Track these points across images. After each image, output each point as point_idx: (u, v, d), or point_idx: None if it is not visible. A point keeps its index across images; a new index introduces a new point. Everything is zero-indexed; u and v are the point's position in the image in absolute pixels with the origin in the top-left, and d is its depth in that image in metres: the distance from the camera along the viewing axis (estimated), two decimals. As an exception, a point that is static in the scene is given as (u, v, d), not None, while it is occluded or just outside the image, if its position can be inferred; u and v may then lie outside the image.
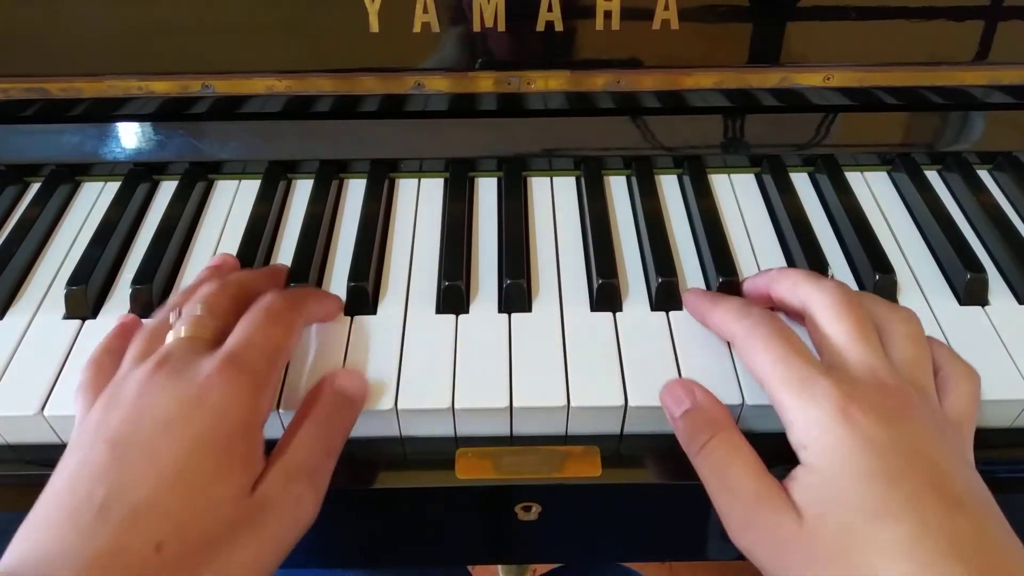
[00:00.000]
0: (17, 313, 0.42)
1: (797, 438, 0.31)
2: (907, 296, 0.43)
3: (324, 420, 0.34)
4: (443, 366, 0.37)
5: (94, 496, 0.28)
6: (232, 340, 0.33)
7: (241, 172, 0.52)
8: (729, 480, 0.32)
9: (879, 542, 0.28)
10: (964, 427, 0.32)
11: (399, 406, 0.36)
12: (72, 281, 0.42)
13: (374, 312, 0.41)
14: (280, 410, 0.36)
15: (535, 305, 0.41)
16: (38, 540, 0.27)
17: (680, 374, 0.37)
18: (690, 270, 0.44)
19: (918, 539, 0.27)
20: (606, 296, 0.41)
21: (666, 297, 0.41)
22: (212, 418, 0.30)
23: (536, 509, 0.38)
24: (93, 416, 0.31)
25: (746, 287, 0.40)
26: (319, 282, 0.44)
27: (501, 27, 0.47)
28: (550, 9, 0.46)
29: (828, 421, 0.30)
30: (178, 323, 0.34)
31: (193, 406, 0.30)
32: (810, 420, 0.30)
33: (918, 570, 0.27)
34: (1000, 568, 0.27)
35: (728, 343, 0.38)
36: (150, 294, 0.42)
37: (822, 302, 0.33)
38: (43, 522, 0.28)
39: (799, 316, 0.35)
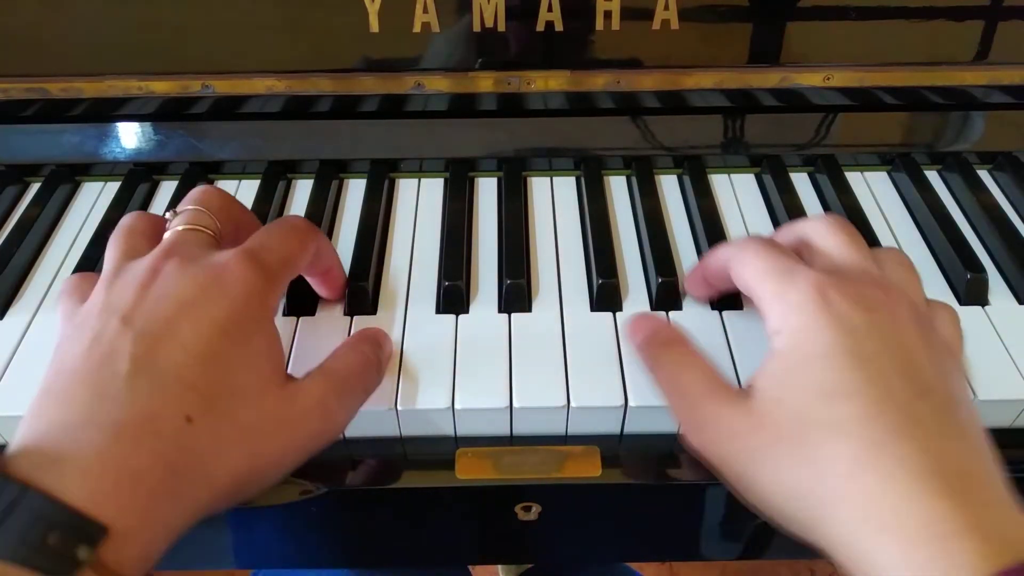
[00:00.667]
0: (17, 313, 0.42)
1: (772, 325, 0.30)
2: (907, 296, 0.43)
3: (371, 354, 0.35)
4: (443, 366, 0.37)
5: (118, 367, 0.27)
6: (249, 241, 0.32)
7: (241, 172, 0.52)
8: (681, 384, 0.32)
9: (829, 420, 0.27)
10: (954, 349, 0.32)
11: (399, 406, 0.36)
12: (72, 281, 0.42)
13: (374, 312, 0.41)
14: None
15: (535, 305, 0.41)
16: (58, 412, 0.27)
17: (680, 374, 0.37)
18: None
19: (870, 417, 0.26)
20: (606, 296, 0.41)
21: (666, 297, 0.41)
22: (231, 304, 0.29)
23: (536, 509, 0.38)
24: (93, 300, 0.30)
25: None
26: (319, 282, 0.44)
27: (501, 27, 0.47)
28: (550, 9, 0.46)
29: (805, 304, 0.29)
30: (176, 219, 0.33)
31: (211, 289, 0.29)
32: (787, 306, 0.30)
33: (863, 448, 0.26)
34: (956, 454, 0.26)
35: (729, 345, 0.38)
36: (150, 294, 0.42)
37: (818, 224, 0.34)
38: (61, 394, 0.27)
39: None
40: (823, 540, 0.27)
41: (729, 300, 0.40)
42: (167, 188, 0.51)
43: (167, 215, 0.34)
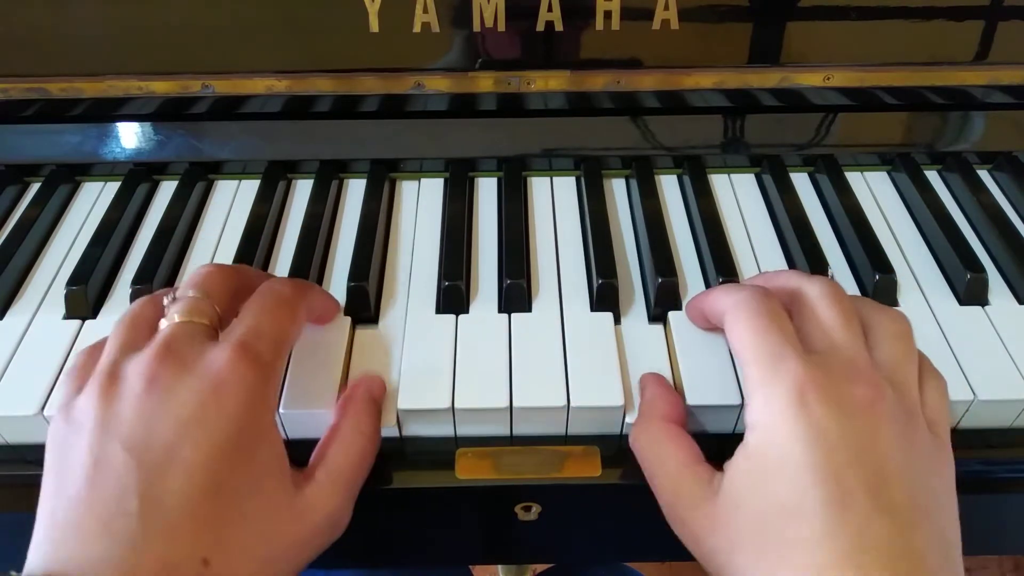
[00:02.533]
0: (17, 313, 0.42)
1: (751, 417, 0.30)
2: (907, 296, 0.43)
3: (369, 432, 0.34)
4: (443, 366, 0.37)
5: (127, 506, 0.27)
6: (240, 328, 0.31)
7: (241, 172, 0.52)
8: (658, 457, 0.33)
9: (785, 537, 0.27)
10: (939, 427, 0.31)
11: (399, 406, 0.36)
12: (72, 281, 0.42)
13: (374, 312, 0.41)
14: (281, 410, 0.35)
15: (535, 305, 0.41)
16: (76, 547, 0.26)
17: (680, 374, 0.37)
18: (690, 270, 0.44)
19: (826, 538, 0.26)
20: (606, 296, 0.41)
21: (666, 297, 0.41)
22: (231, 423, 0.29)
23: (536, 509, 0.38)
24: (87, 406, 0.29)
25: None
26: (319, 282, 0.44)
27: (501, 27, 0.47)
28: (550, 9, 0.46)
29: (781, 404, 0.29)
30: (173, 307, 0.32)
31: (210, 404, 0.28)
32: (765, 401, 0.29)
33: (816, 569, 0.26)
34: None
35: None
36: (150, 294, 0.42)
37: (811, 291, 0.33)
38: (74, 528, 0.27)
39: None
40: None
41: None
42: (167, 188, 0.51)
43: (165, 300, 0.33)
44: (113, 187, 0.51)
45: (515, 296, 0.41)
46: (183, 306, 0.32)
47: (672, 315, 0.40)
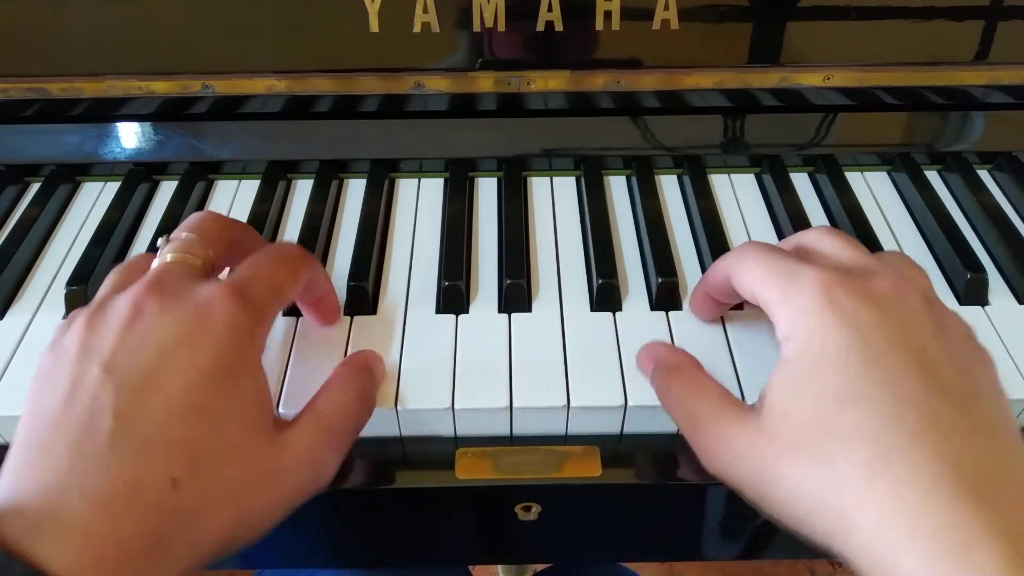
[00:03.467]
0: (17, 313, 0.42)
1: (782, 332, 0.29)
2: (907, 296, 0.43)
3: (362, 390, 0.34)
4: (443, 366, 0.37)
5: (99, 425, 0.26)
6: (236, 272, 0.31)
7: (241, 172, 0.52)
8: (689, 410, 0.32)
9: (842, 428, 0.26)
10: (972, 333, 0.30)
11: (399, 406, 0.36)
12: (72, 281, 0.42)
13: (374, 312, 0.41)
14: (281, 410, 0.36)
15: (535, 305, 0.41)
16: (41, 471, 0.26)
17: (680, 374, 0.37)
18: (690, 270, 0.44)
19: (884, 422, 0.25)
20: (606, 296, 0.41)
21: (666, 297, 0.41)
22: (216, 348, 0.28)
23: (536, 509, 0.38)
24: (73, 335, 0.29)
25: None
26: (319, 282, 0.44)
27: (501, 27, 0.47)
28: (550, 9, 0.46)
29: (812, 306, 0.28)
30: (166, 247, 0.32)
31: (194, 332, 0.28)
32: (795, 311, 0.29)
33: (880, 454, 0.25)
34: (975, 455, 0.25)
35: (733, 354, 0.38)
36: (150, 294, 0.42)
37: (809, 236, 0.33)
38: (42, 449, 0.26)
39: None
40: (844, 550, 0.26)
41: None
42: (167, 188, 0.51)
43: (159, 242, 0.33)
44: (113, 187, 0.51)
45: (515, 296, 0.41)
46: (176, 245, 0.32)
47: (672, 315, 0.40)
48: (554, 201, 0.49)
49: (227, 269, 0.35)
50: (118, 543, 0.25)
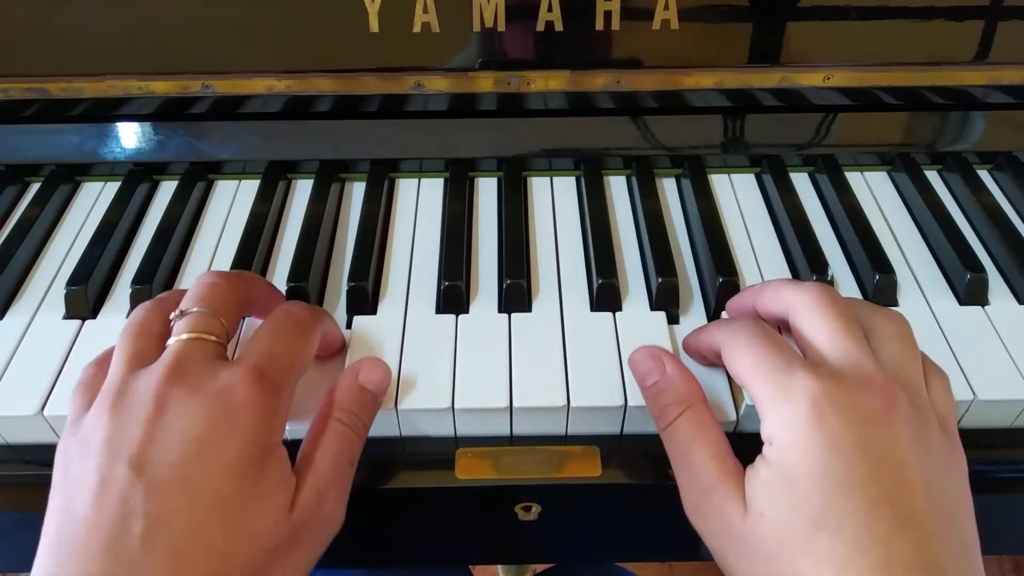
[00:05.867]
0: (17, 313, 0.42)
1: (766, 432, 0.30)
2: (907, 296, 0.43)
3: (351, 421, 0.33)
4: (443, 366, 0.37)
5: (131, 527, 0.26)
6: (254, 350, 0.31)
7: (241, 172, 0.52)
8: (689, 460, 0.32)
9: (813, 552, 0.27)
10: (949, 423, 0.31)
11: (399, 406, 0.36)
12: (72, 281, 0.42)
13: (374, 312, 0.41)
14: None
15: (535, 305, 0.41)
16: (79, 567, 0.26)
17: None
18: (690, 270, 0.44)
19: (853, 555, 0.26)
20: (606, 296, 0.41)
21: (666, 297, 0.41)
22: (242, 440, 0.28)
23: (536, 509, 0.38)
24: (99, 425, 0.29)
25: (730, 305, 0.38)
26: (320, 282, 0.44)
27: (501, 27, 0.47)
28: (550, 9, 0.46)
29: (798, 419, 0.28)
30: (180, 323, 0.32)
31: (221, 426, 0.28)
32: (781, 415, 0.29)
33: None
34: None
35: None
36: (150, 294, 0.42)
37: (804, 301, 0.32)
38: (77, 551, 0.27)
39: (787, 327, 0.34)
40: None
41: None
42: (167, 188, 0.51)
43: (171, 316, 0.32)
44: (113, 187, 0.51)
45: (515, 296, 0.41)
46: (190, 323, 0.32)
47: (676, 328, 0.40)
48: (554, 201, 0.49)
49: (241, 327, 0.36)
50: None
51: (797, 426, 0.28)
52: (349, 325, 0.40)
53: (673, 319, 0.41)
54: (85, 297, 0.42)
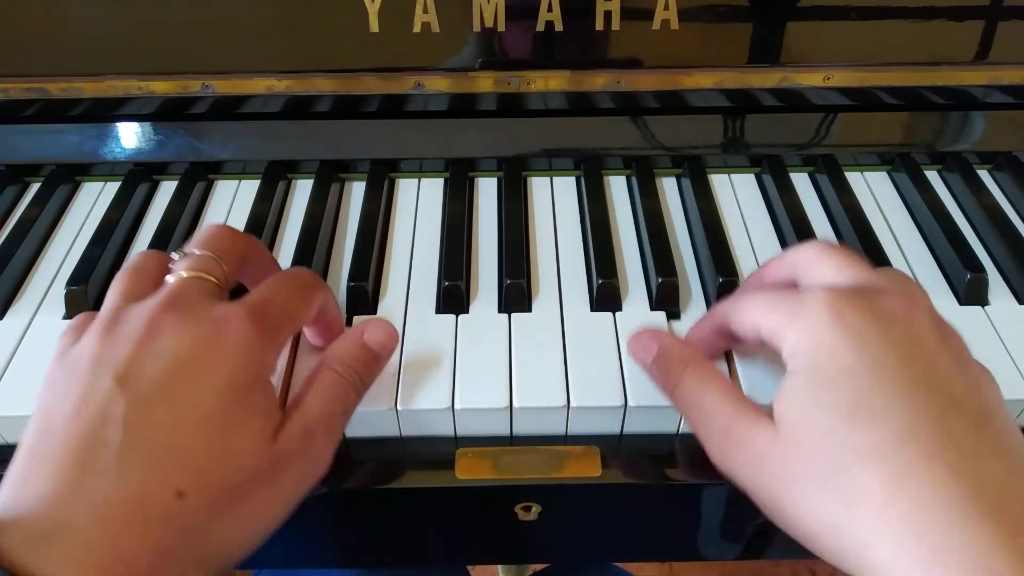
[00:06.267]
0: (17, 313, 0.42)
1: (788, 349, 0.29)
2: (907, 296, 0.43)
3: (347, 373, 0.33)
4: (443, 366, 0.37)
5: (109, 437, 0.26)
6: (253, 295, 0.31)
7: (241, 172, 0.52)
8: (703, 408, 0.31)
9: (856, 445, 0.26)
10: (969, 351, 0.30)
11: (399, 406, 0.36)
12: (72, 281, 0.42)
13: (374, 312, 0.41)
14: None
15: (535, 305, 0.41)
16: (44, 482, 0.25)
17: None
18: (690, 270, 0.44)
19: (901, 440, 0.25)
20: (606, 296, 0.41)
21: (666, 297, 0.41)
22: (231, 363, 0.28)
23: (536, 509, 0.38)
24: (86, 347, 0.29)
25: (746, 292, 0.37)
26: (319, 282, 0.44)
27: (501, 27, 0.47)
28: (550, 9, 0.46)
29: (820, 322, 0.28)
30: (182, 262, 0.32)
31: (211, 349, 0.28)
32: (802, 327, 0.28)
33: (897, 474, 0.25)
34: (994, 475, 0.25)
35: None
36: (150, 294, 0.42)
37: (806, 254, 0.32)
38: (47, 460, 0.26)
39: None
40: (860, 572, 0.26)
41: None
42: (167, 188, 0.51)
43: (174, 255, 0.33)
44: (113, 187, 0.51)
45: (515, 296, 0.41)
46: (192, 262, 0.32)
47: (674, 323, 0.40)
48: (554, 201, 0.49)
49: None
50: (122, 557, 0.25)
51: (819, 328, 0.28)
52: (349, 325, 0.40)
53: (673, 318, 0.41)
54: (85, 297, 0.42)
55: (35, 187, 0.51)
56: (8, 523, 0.24)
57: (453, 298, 0.41)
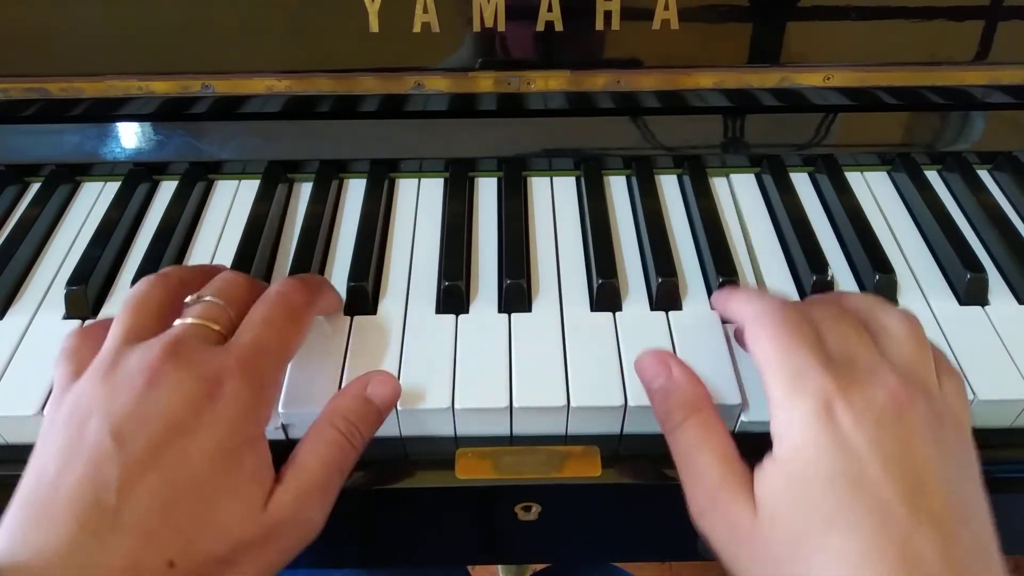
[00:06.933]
0: (17, 313, 0.42)
1: (775, 428, 0.29)
2: (907, 296, 0.43)
3: (348, 430, 0.33)
4: (443, 366, 0.37)
5: (105, 501, 0.26)
6: (246, 337, 0.32)
7: (241, 172, 0.52)
8: (695, 464, 0.31)
9: (827, 552, 0.26)
10: (964, 425, 0.31)
11: (399, 406, 0.36)
12: (72, 281, 0.42)
13: (374, 312, 0.41)
14: (281, 410, 0.35)
15: (535, 305, 0.41)
16: (40, 536, 0.26)
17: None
18: (690, 270, 0.44)
19: (868, 554, 0.26)
20: (606, 296, 0.41)
21: (666, 297, 0.41)
22: (223, 430, 0.29)
23: (536, 509, 0.38)
24: (90, 392, 0.29)
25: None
26: (319, 282, 0.44)
27: (501, 27, 0.47)
28: (550, 9, 0.46)
29: (808, 418, 0.28)
30: (193, 308, 0.32)
31: (204, 413, 0.29)
32: (791, 414, 0.29)
33: None
34: None
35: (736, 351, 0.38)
36: (150, 294, 0.42)
37: (828, 308, 0.33)
38: (43, 514, 0.27)
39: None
40: None
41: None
42: (167, 188, 0.51)
43: (188, 299, 0.33)
44: (113, 187, 0.51)
45: (515, 296, 0.41)
46: (203, 310, 0.32)
47: (672, 315, 0.40)
48: (554, 201, 0.49)
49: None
50: None
51: (806, 426, 0.28)
52: (349, 325, 0.40)
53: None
54: (85, 297, 0.42)
55: (35, 187, 0.51)
56: (9, 572, 0.25)
57: (453, 298, 0.41)
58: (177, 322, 0.32)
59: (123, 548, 0.26)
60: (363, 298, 0.41)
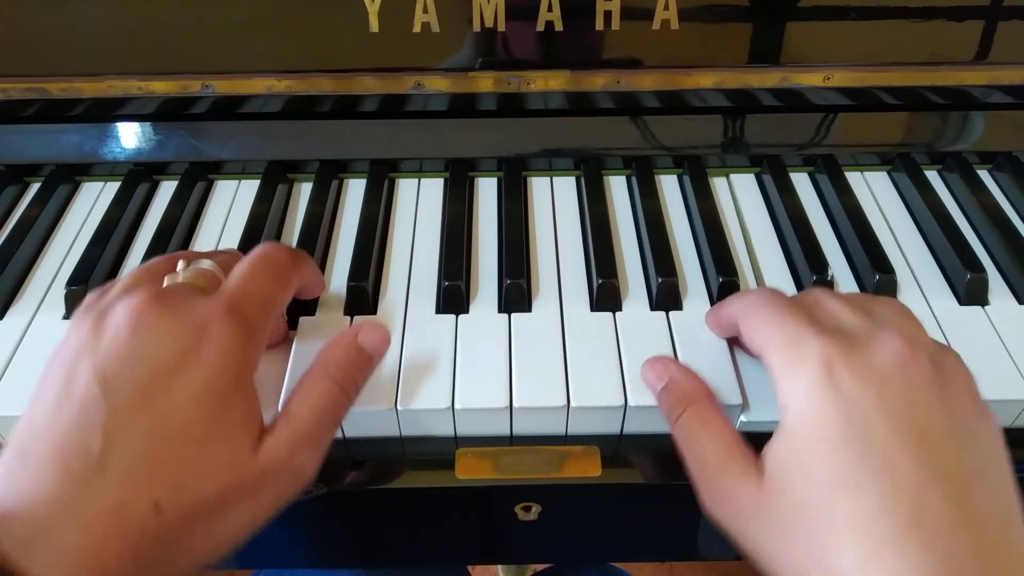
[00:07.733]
0: (17, 313, 0.42)
1: (781, 400, 0.29)
2: (907, 296, 0.43)
3: (341, 377, 0.33)
4: (443, 366, 0.37)
5: (90, 445, 0.26)
6: (231, 284, 0.31)
7: (241, 172, 0.52)
8: (698, 450, 0.32)
9: (836, 516, 0.26)
10: (972, 383, 0.29)
11: (399, 406, 0.36)
12: (72, 281, 0.42)
13: (374, 312, 0.41)
14: (279, 410, 0.35)
15: (535, 305, 0.41)
16: (30, 483, 0.26)
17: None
18: (690, 270, 0.44)
19: (878, 514, 0.25)
20: (606, 296, 0.41)
21: (666, 297, 0.41)
22: (209, 371, 0.28)
23: (536, 509, 0.38)
24: (78, 334, 0.29)
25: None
26: (319, 282, 0.44)
27: (501, 27, 0.47)
28: (550, 9, 0.46)
29: (810, 383, 0.28)
30: (186, 269, 0.33)
31: (190, 355, 0.28)
32: (795, 384, 0.29)
33: (872, 549, 0.25)
34: (967, 550, 0.25)
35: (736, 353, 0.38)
36: (150, 294, 0.42)
37: (816, 293, 0.33)
38: (32, 461, 0.27)
39: None
40: None
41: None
42: (167, 188, 0.51)
43: (180, 264, 0.33)
44: (113, 187, 0.51)
45: (515, 296, 0.41)
46: (194, 272, 0.33)
47: (673, 315, 0.40)
48: (554, 201, 0.49)
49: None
50: (101, 565, 0.25)
51: (809, 391, 0.28)
52: (349, 325, 0.40)
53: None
54: (85, 297, 0.42)
55: (35, 187, 0.51)
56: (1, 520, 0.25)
57: (453, 298, 0.41)
58: (166, 279, 0.32)
59: (109, 491, 0.26)
60: (363, 298, 0.41)
